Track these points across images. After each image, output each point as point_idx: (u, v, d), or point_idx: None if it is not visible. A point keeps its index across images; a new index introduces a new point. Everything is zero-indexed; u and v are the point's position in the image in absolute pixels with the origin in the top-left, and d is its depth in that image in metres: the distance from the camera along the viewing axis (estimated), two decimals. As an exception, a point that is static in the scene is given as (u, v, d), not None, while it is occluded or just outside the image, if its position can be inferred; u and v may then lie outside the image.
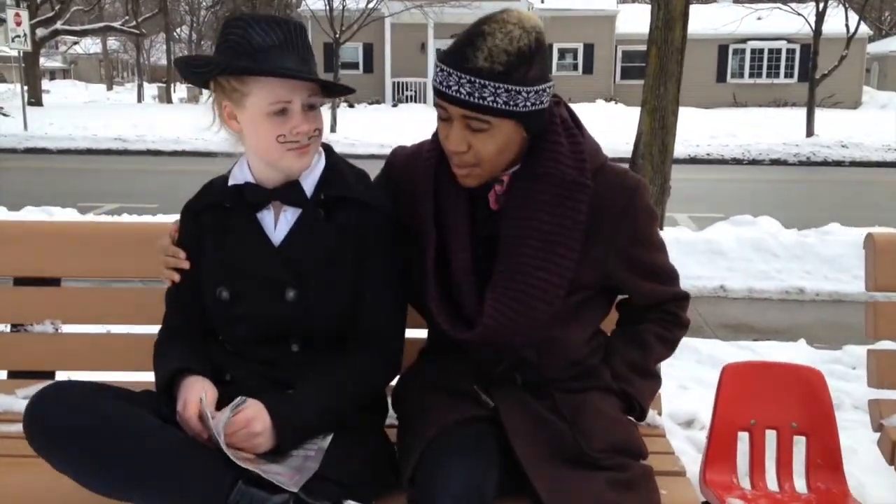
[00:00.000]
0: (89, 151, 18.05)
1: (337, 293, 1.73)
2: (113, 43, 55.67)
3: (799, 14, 20.62)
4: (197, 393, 1.62)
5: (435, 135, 1.78)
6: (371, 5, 20.92)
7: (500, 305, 1.68)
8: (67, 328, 2.29)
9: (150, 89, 42.11)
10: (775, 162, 17.62)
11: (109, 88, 50.81)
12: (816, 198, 12.48)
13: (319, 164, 1.79)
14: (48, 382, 2.23)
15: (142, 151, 18.43)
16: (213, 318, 1.80)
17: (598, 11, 32.07)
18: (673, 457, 1.95)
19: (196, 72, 1.70)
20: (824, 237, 7.07)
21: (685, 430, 2.89)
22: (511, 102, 1.58)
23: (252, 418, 1.57)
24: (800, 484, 2.12)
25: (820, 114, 20.65)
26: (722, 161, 17.42)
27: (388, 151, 1.96)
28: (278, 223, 1.77)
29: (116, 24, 35.47)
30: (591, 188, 1.69)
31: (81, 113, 24.84)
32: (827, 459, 2.08)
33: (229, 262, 1.76)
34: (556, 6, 31.64)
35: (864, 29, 22.89)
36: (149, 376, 2.27)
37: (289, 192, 1.75)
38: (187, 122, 20.78)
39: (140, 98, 37.81)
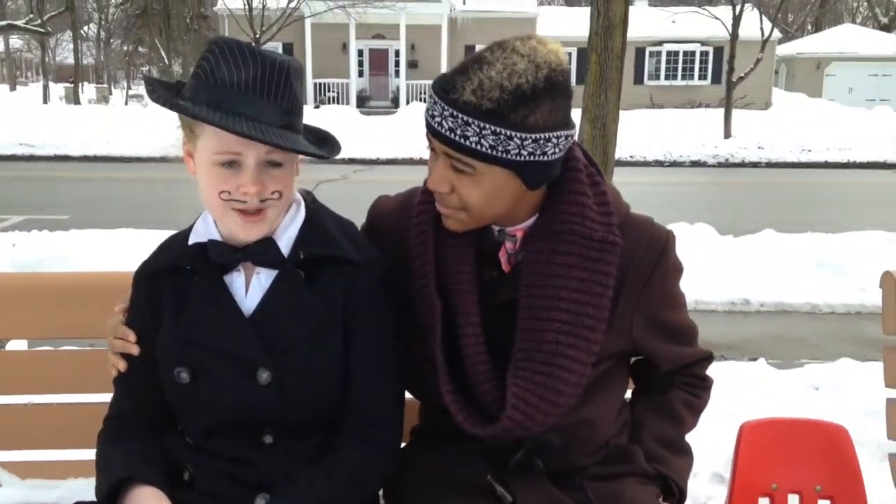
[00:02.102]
0: (-8, 157, 17.06)
1: (320, 375, 1.43)
2: (16, 41, 53.17)
3: (716, 18, 21.06)
4: None
5: (422, 187, 1.52)
6: (292, 5, 20.42)
7: (525, 393, 1.41)
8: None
9: (56, 90, 40.35)
10: (695, 164, 17.96)
11: (13, 89, 48.43)
12: (741, 200, 12.68)
13: (298, 216, 1.49)
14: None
15: (49, 157, 17.56)
16: (172, 404, 1.49)
17: (519, 13, 32.14)
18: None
19: (151, 98, 1.39)
20: (762, 244, 7.09)
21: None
22: (500, 148, 1.31)
23: None
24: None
25: (734, 115, 21.12)
26: (644, 163, 17.63)
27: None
28: (250, 288, 1.46)
29: (20, 23, 33.77)
30: (620, 246, 1.44)
31: (-18, 115, 23.49)
32: (853, 524, 1.90)
33: (190, 336, 1.44)
34: (478, 8, 31.67)
35: (775, 32, 23.57)
36: (79, 454, 1.96)
37: (261, 250, 1.44)
38: (97, 125, 19.88)
39: (46, 99, 36.10)
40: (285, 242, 1.45)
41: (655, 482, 1.57)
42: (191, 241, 1.47)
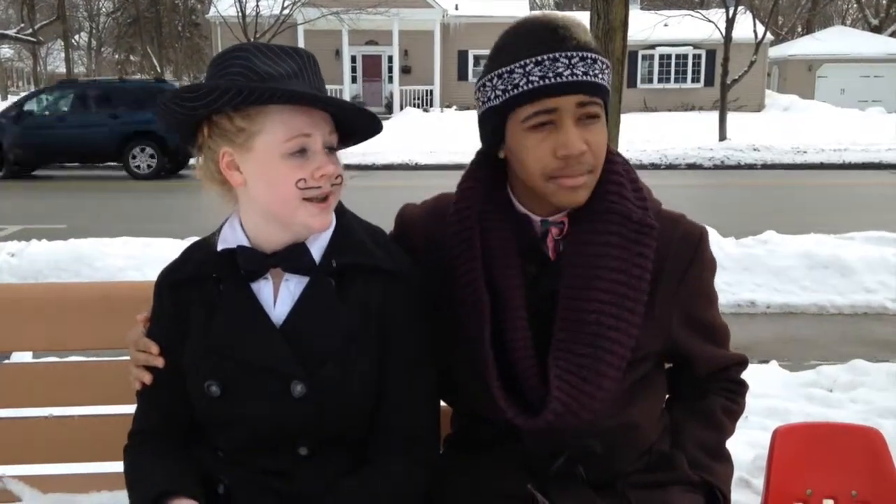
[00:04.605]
0: (-14, 167, 16.96)
1: (355, 388, 1.39)
2: (7, 51, 53.03)
3: (710, 21, 21.11)
4: None
5: (457, 189, 1.51)
6: (285, 12, 20.42)
7: (569, 375, 1.38)
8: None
9: (49, 98, 40.25)
10: (692, 166, 17.94)
11: (4, 98, 48.23)
12: (739, 202, 12.68)
13: (330, 223, 1.45)
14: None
15: (44, 166, 17.44)
16: (201, 418, 1.45)
17: (511, 18, 32.06)
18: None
19: (191, 106, 1.33)
20: (766, 246, 7.06)
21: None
22: (608, 80, 1.36)
23: None
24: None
25: (728, 117, 21.16)
26: (641, 167, 17.62)
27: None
28: (279, 297, 1.41)
29: (11, 32, 33.68)
30: (657, 231, 1.43)
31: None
32: (890, 529, 1.87)
33: (218, 347, 1.40)
34: (470, 13, 31.73)
35: (767, 35, 23.64)
36: (101, 467, 1.92)
37: (292, 256, 1.40)
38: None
39: (38, 108, 35.97)
40: (317, 249, 1.42)
41: (699, 490, 1.53)
42: (220, 248, 1.43)
